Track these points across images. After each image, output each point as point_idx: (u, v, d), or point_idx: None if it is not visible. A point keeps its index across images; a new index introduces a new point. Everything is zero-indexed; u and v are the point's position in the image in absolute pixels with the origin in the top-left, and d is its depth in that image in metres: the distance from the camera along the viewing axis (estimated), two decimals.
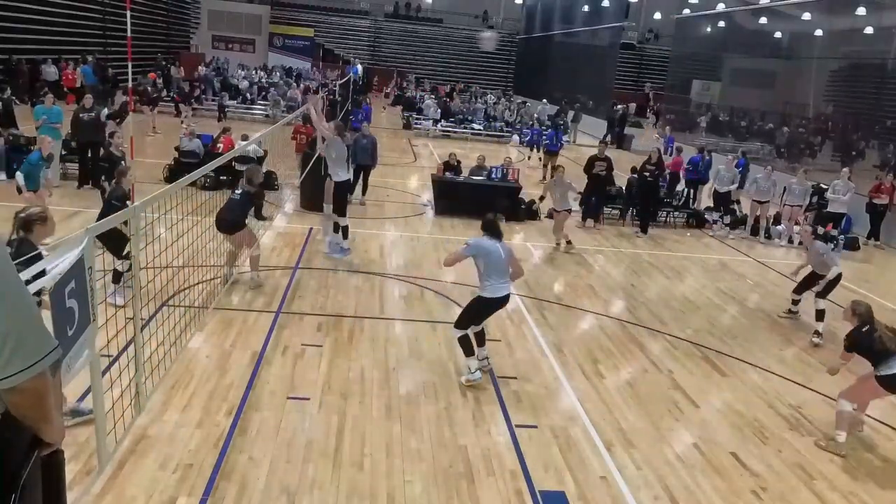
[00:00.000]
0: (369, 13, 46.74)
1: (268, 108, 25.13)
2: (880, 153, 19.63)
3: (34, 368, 1.78)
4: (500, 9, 48.01)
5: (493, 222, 6.28)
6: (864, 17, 21.74)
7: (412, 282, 8.96)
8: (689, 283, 10.31)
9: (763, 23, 26.24)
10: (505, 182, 13.49)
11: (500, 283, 6.12)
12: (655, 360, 7.23)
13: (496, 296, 6.13)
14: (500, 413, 5.75)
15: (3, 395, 1.81)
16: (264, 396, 5.63)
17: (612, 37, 32.31)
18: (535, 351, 7.15)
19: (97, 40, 29.04)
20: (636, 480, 4.99)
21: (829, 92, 24.50)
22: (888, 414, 6.55)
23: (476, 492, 4.65)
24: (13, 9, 22.83)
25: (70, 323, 2.94)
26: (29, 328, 1.78)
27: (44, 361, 1.80)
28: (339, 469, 4.75)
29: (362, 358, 6.55)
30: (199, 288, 7.59)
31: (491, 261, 6.07)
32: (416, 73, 43.66)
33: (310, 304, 7.83)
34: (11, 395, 1.80)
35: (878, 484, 5.30)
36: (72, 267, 2.94)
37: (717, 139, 25.60)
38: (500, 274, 6.12)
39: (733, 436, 5.80)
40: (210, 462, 4.66)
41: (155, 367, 4.64)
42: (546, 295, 8.95)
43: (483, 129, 26.56)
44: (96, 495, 4.19)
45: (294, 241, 10.29)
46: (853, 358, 5.83)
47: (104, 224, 3.59)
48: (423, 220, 12.65)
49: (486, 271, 6.09)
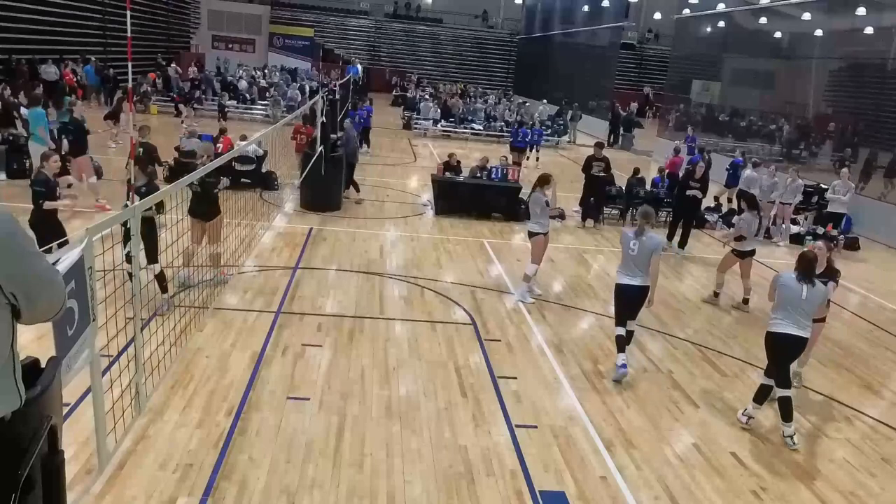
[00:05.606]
0: (369, 13, 46.76)
1: (268, 108, 25.14)
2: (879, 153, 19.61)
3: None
4: (500, 9, 48.04)
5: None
6: (864, 17, 21.73)
7: (412, 282, 8.96)
8: (688, 283, 10.31)
9: (763, 23, 26.22)
10: (505, 182, 13.50)
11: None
12: (655, 360, 7.23)
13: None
14: (500, 413, 5.75)
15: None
16: (264, 396, 5.63)
17: (612, 37, 32.31)
18: (535, 351, 7.16)
19: (97, 40, 29.03)
20: (636, 480, 4.99)
21: (829, 92, 24.50)
22: (888, 414, 6.55)
23: (476, 492, 4.65)
24: (13, 9, 22.81)
25: (70, 323, 2.93)
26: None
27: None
28: (338, 469, 4.75)
29: (362, 358, 6.55)
30: (199, 288, 7.58)
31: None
32: (417, 73, 43.64)
33: (310, 304, 7.83)
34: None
35: (878, 484, 5.30)
36: (72, 267, 2.94)
37: (718, 139, 25.58)
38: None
39: (733, 436, 5.80)
40: (210, 462, 4.66)
41: (155, 368, 4.63)
42: (546, 295, 8.95)
43: (483, 129, 26.56)
44: (96, 495, 4.19)
45: (294, 241, 10.29)
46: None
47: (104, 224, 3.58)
48: (423, 220, 12.65)
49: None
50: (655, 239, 6.62)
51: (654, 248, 6.52)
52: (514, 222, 12.64)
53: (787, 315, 5.63)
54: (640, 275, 6.54)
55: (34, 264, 1.90)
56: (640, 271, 6.54)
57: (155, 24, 34.65)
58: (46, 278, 1.94)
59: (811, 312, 5.69)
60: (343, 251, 10.08)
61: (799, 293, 5.61)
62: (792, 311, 5.62)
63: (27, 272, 1.85)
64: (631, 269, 6.57)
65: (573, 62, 35.68)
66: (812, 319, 5.77)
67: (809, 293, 5.61)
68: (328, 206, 12.34)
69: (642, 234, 6.55)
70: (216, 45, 40.92)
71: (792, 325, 5.62)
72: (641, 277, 6.54)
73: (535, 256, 8.64)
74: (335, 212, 12.32)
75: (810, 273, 5.69)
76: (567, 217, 13.47)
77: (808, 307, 5.63)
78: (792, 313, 5.62)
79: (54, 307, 2.01)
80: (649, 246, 6.51)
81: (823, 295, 5.75)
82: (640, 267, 6.54)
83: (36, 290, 1.89)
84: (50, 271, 1.99)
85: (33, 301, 1.89)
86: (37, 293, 1.90)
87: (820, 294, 5.71)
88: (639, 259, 6.53)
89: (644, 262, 6.52)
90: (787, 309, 5.64)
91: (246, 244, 8.84)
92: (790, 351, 5.74)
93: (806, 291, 5.60)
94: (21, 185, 12.04)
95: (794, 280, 5.67)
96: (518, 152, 18.92)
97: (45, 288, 1.93)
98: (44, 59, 23.59)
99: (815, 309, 5.71)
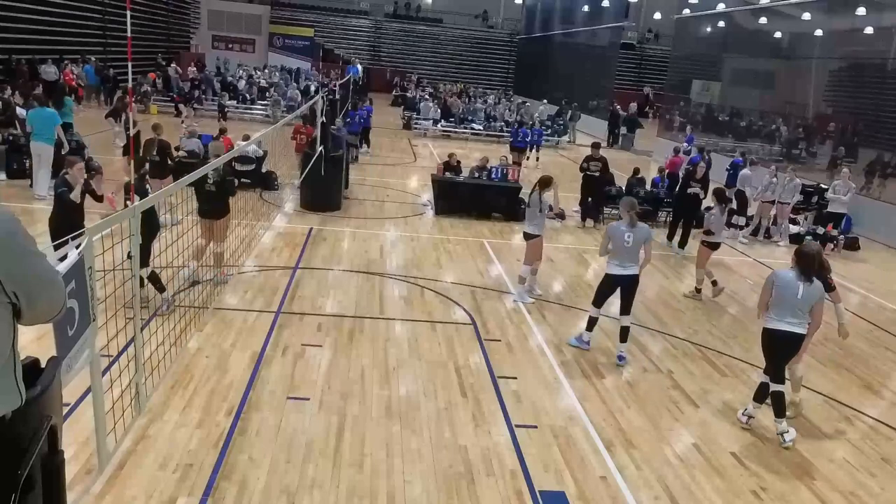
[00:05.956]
0: (369, 13, 46.77)
1: (268, 108, 25.14)
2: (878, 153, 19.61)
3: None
4: (500, 9, 48.04)
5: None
6: (864, 17, 21.73)
7: (412, 282, 8.96)
8: (688, 283, 10.30)
9: (763, 23, 26.22)
10: (505, 182, 13.51)
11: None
12: (655, 360, 7.23)
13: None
14: (500, 413, 5.75)
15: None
16: (264, 396, 5.63)
17: (612, 37, 32.31)
18: (535, 351, 7.16)
19: (97, 40, 29.04)
20: (636, 480, 4.99)
21: (829, 92, 24.49)
22: (888, 414, 6.55)
23: (476, 492, 4.65)
24: (13, 9, 22.82)
25: (70, 323, 2.93)
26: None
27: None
28: (338, 469, 4.75)
29: (362, 358, 6.55)
30: (198, 288, 7.58)
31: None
32: (417, 73, 43.65)
33: (310, 304, 7.83)
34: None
35: (878, 484, 5.30)
36: (72, 267, 2.94)
37: (718, 139, 25.59)
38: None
39: (733, 436, 5.80)
40: (210, 462, 4.66)
41: (155, 368, 4.64)
42: (546, 295, 8.95)
43: (483, 129, 26.56)
44: (96, 495, 4.19)
45: (294, 241, 10.29)
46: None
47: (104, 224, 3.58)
48: (423, 220, 12.65)
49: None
50: (646, 228, 7.08)
51: (646, 237, 7.00)
52: (514, 222, 12.63)
53: (784, 312, 5.62)
54: (633, 265, 6.91)
55: (35, 264, 1.90)
56: (632, 262, 6.90)
57: (155, 24, 34.65)
58: (47, 279, 1.94)
59: (807, 310, 5.67)
60: (343, 251, 10.08)
61: (795, 291, 5.60)
62: (788, 308, 5.61)
63: (27, 272, 1.85)
64: (625, 260, 6.90)
65: (573, 62, 35.69)
66: (808, 318, 5.75)
67: (806, 291, 5.59)
68: (328, 206, 12.35)
69: (634, 225, 6.89)
70: (216, 45, 40.94)
71: (788, 322, 5.61)
72: (634, 267, 6.91)
73: (531, 258, 8.64)
74: (335, 212, 12.33)
75: (809, 270, 5.65)
76: (567, 217, 13.47)
77: (804, 305, 5.62)
78: (788, 310, 5.61)
79: (55, 308, 2.01)
80: (642, 236, 6.94)
81: (820, 292, 5.74)
82: (633, 258, 6.93)
83: (36, 290, 1.89)
84: (50, 272, 1.99)
85: (33, 301, 1.89)
86: (37, 293, 1.90)
87: (817, 291, 5.69)
88: (633, 250, 6.91)
89: (637, 252, 6.94)
90: (783, 306, 5.63)
91: (246, 244, 8.85)
92: (787, 348, 5.73)
93: (802, 289, 5.59)
94: (21, 184, 12.06)
95: (792, 277, 5.65)
96: (518, 152, 18.97)
97: (46, 288, 1.94)
98: (44, 59, 23.60)
99: (810, 306, 5.69)
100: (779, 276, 5.74)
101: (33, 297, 1.88)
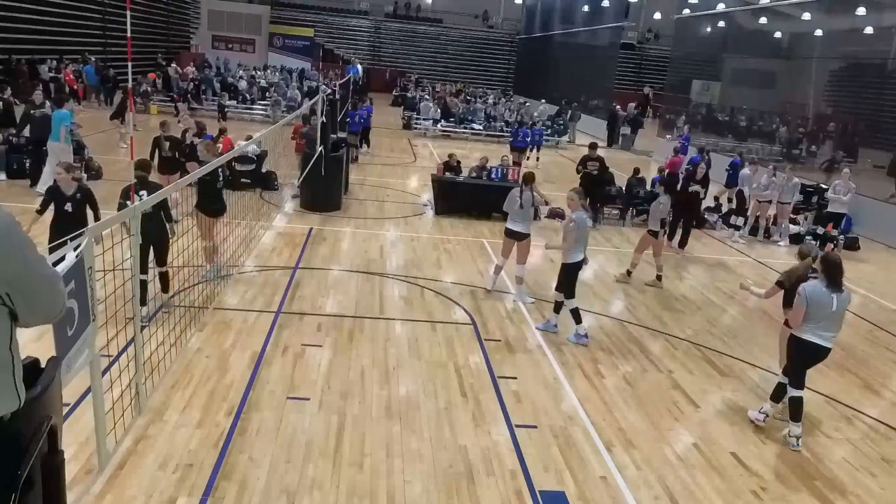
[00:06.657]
0: (369, 13, 46.78)
1: (268, 108, 25.14)
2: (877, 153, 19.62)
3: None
4: (500, 9, 48.04)
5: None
6: (864, 17, 21.74)
7: (412, 282, 8.96)
8: (688, 283, 10.31)
9: (763, 23, 26.24)
10: (505, 182, 13.49)
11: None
12: (655, 360, 7.23)
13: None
14: (500, 413, 5.75)
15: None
16: (264, 396, 5.63)
17: (612, 37, 32.31)
18: (535, 351, 7.16)
19: (97, 40, 29.05)
20: (636, 480, 4.99)
21: (828, 92, 24.51)
22: (888, 414, 6.55)
23: (476, 492, 4.65)
24: (13, 9, 22.83)
25: (70, 323, 2.93)
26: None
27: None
28: (338, 469, 4.75)
29: (362, 358, 6.55)
30: (199, 288, 7.58)
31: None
32: (417, 73, 43.66)
33: (310, 304, 7.83)
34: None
35: (878, 484, 5.30)
36: (72, 267, 2.94)
37: (717, 139, 25.59)
38: None
39: (733, 436, 5.80)
40: (210, 462, 4.66)
41: (155, 368, 4.64)
42: (546, 295, 8.94)
43: (483, 129, 26.56)
44: (96, 495, 4.19)
45: (294, 241, 10.29)
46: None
47: (104, 224, 3.59)
48: (423, 220, 12.65)
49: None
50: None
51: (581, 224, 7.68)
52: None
53: (818, 326, 5.57)
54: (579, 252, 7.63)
55: (32, 265, 1.88)
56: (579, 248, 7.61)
57: (155, 24, 34.66)
58: (45, 280, 1.93)
59: (842, 320, 5.66)
60: (343, 251, 10.08)
61: (830, 303, 5.52)
62: (824, 322, 5.56)
63: (23, 272, 1.83)
64: (584, 246, 7.65)
65: (573, 62, 35.71)
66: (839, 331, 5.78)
67: (839, 301, 5.55)
68: (328, 206, 12.35)
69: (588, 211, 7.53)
70: (216, 45, 40.93)
71: (820, 335, 5.59)
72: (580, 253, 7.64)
73: (523, 257, 8.64)
74: (335, 212, 12.33)
75: (839, 280, 5.56)
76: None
77: (839, 316, 5.60)
78: (823, 323, 5.56)
79: (54, 309, 2.00)
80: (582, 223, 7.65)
81: (849, 299, 5.70)
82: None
83: (34, 291, 1.88)
84: (49, 273, 1.97)
85: (31, 302, 1.87)
86: (35, 295, 1.88)
87: (847, 300, 5.65)
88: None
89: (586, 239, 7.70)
90: (817, 320, 5.56)
91: (246, 244, 8.85)
92: (813, 360, 5.77)
93: (836, 301, 5.53)
94: (21, 184, 12.06)
95: (824, 291, 5.54)
96: (518, 152, 18.97)
97: (44, 289, 1.92)
98: (44, 59, 23.61)
99: (844, 314, 5.67)
100: (810, 293, 5.57)
101: (31, 298, 1.86)
